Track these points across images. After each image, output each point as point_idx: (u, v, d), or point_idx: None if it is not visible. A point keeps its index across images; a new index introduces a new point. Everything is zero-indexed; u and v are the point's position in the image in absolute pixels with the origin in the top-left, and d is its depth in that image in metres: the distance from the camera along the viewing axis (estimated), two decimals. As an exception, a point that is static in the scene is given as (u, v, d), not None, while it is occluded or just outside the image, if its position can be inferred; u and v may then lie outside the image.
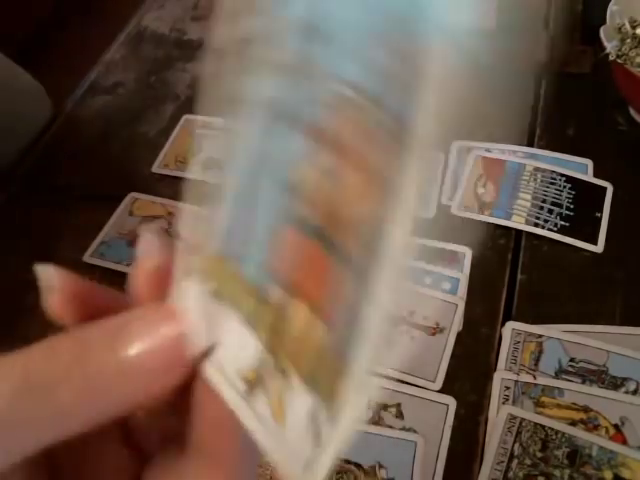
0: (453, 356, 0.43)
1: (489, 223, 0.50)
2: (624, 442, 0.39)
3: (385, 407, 0.41)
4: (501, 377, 0.42)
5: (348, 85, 0.16)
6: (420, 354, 0.43)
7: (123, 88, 0.62)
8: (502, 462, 0.38)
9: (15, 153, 0.56)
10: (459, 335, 0.44)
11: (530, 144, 0.56)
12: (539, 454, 0.38)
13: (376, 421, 0.41)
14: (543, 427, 0.39)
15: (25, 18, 1.56)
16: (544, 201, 0.51)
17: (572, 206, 0.51)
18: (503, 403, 0.41)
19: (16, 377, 0.17)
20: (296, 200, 0.17)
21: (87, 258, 0.49)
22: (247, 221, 0.19)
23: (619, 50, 0.52)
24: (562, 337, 0.43)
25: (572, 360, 0.42)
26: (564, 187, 0.52)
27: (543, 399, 0.41)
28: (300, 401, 0.17)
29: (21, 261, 0.50)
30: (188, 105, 0.61)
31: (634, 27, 0.53)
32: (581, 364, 0.42)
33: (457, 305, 0.45)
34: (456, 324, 0.44)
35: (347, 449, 0.16)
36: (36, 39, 1.54)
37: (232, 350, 0.18)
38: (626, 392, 0.41)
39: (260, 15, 0.18)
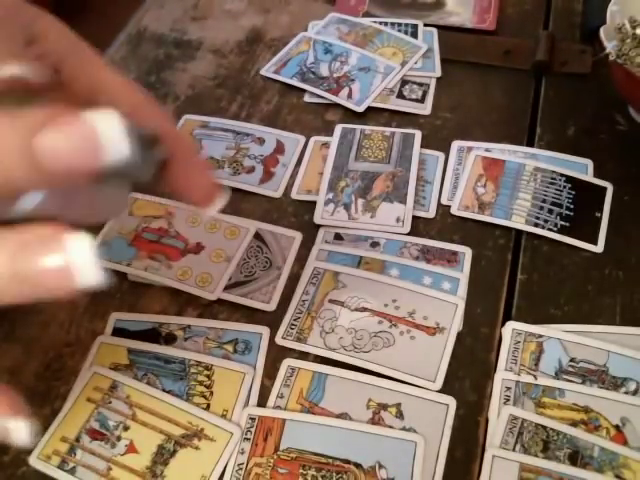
0: (453, 356, 0.43)
1: (489, 223, 0.50)
2: (625, 443, 0.39)
3: (385, 407, 0.41)
4: (502, 377, 0.42)
5: None
6: (420, 354, 0.43)
7: (123, 88, 0.62)
8: (502, 462, 0.39)
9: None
10: (459, 335, 0.44)
11: (530, 144, 0.56)
12: (540, 455, 0.39)
13: (376, 421, 0.41)
14: (544, 428, 0.39)
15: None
16: (544, 201, 0.51)
17: (572, 206, 0.51)
18: (504, 403, 0.41)
19: None
20: None
21: (87, 258, 0.49)
22: None
23: (619, 50, 0.52)
24: (562, 337, 0.43)
25: (572, 360, 0.42)
26: (564, 187, 0.52)
27: (544, 400, 0.41)
28: None
29: (21, 261, 0.50)
30: (188, 105, 0.61)
31: (634, 27, 0.53)
32: (581, 364, 0.42)
33: (457, 305, 0.45)
34: (456, 324, 0.44)
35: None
36: (36, 39, 1.54)
37: None
38: (626, 392, 0.41)
39: None
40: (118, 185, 0.29)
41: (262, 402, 0.42)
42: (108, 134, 0.23)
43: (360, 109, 0.59)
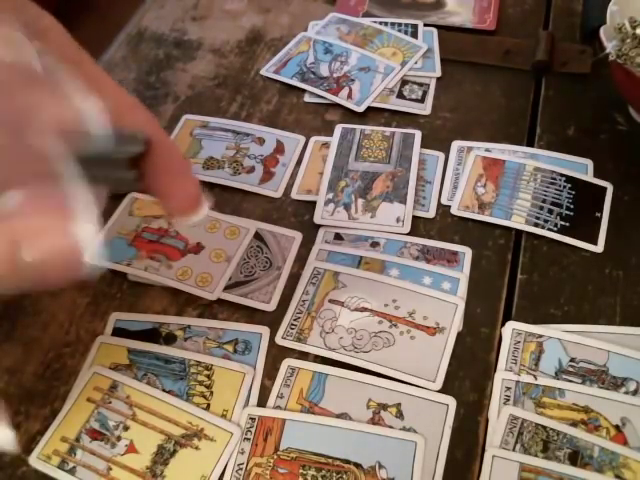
0: (453, 356, 0.43)
1: (489, 223, 0.50)
2: (625, 443, 0.39)
3: (385, 407, 0.41)
4: (502, 377, 0.42)
5: None
6: (420, 354, 0.43)
7: (123, 88, 0.62)
8: (502, 462, 0.39)
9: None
10: (459, 335, 0.44)
11: (530, 144, 0.56)
12: (540, 455, 0.39)
13: (376, 421, 0.41)
14: (544, 428, 0.39)
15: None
16: (544, 201, 0.51)
17: (572, 206, 0.51)
18: (504, 403, 0.41)
19: None
20: None
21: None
22: None
23: (619, 50, 0.51)
24: (562, 337, 0.43)
25: (572, 360, 0.42)
26: (564, 187, 0.52)
27: (544, 400, 0.41)
28: None
29: (21, 261, 0.50)
30: (188, 105, 0.61)
31: (634, 27, 0.53)
32: (581, 364, 0.42)
33: (457, 305, 0.45)
34: (456, 324, 0.44)
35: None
36: (36, 39, 1.53)
37: None
38: (626, 392, 0.41)
39: None
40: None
41: (262, 402, 0.42)
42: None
43: (360, 109, 0.59)
